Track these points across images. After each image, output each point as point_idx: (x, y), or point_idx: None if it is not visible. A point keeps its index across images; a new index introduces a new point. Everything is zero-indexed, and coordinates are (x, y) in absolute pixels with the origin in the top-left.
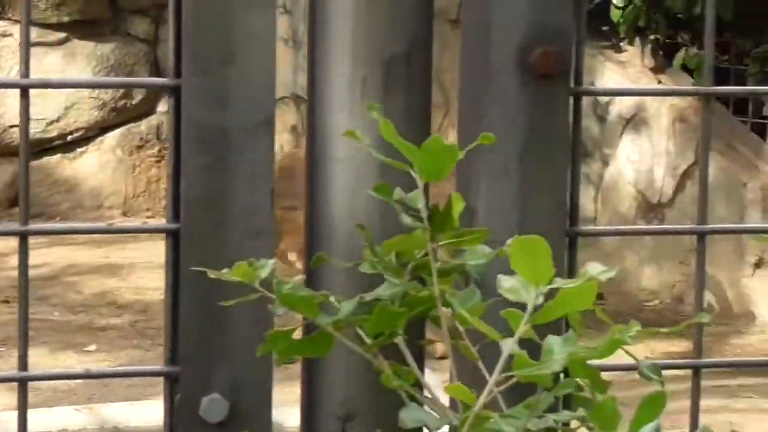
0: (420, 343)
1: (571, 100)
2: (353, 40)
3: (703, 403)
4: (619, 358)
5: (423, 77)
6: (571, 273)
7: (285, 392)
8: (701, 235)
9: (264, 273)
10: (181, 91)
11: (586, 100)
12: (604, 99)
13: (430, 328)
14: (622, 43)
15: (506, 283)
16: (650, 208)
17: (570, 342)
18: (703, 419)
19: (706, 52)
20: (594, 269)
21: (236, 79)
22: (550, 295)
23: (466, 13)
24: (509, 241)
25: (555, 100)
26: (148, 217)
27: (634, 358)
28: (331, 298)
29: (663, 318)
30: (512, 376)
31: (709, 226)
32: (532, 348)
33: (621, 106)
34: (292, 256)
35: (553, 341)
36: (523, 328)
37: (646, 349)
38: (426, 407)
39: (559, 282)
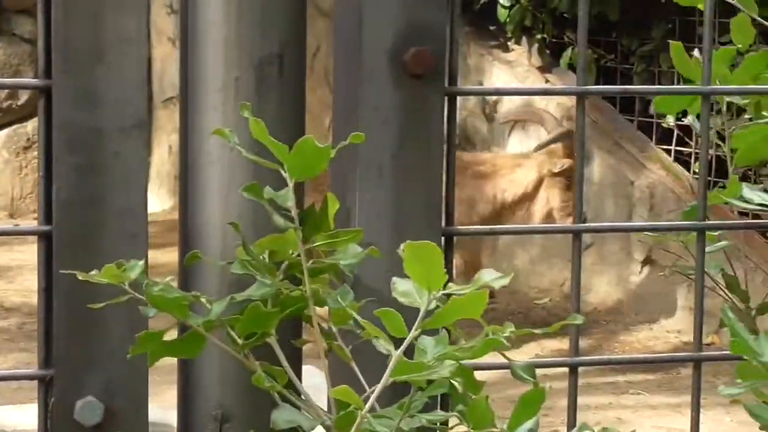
0: (295, 343)
1: (446, 100)
2: (225, 42)
3: (592, 399)
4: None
5: (296, 78)
6: (447, 272)
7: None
8: (576, 234)
9: (134, 274)
10: (51, 91)
11: (474, 100)
12: (492, 98)
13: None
14: (509, 43)
15: (401, 287)
16: None
17: (442, 342)
18: (593, 416)
19: (579, 51)
20: (488, 276)
21: (107, 79)
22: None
23: (338, 11)
24: (402, 247)
25: (429, 100)
26: (35, 219)
27: (507, 358)
28: (203, 299)
29: (553, 316)
30: (391, 378)
31: (584, 225)
32: (408, 347)
33: (509, 105)
34: None
35: (426, 342)
36: (414, 333)
37: (537, 347)
38: (303, 408)
39: (452, 287)
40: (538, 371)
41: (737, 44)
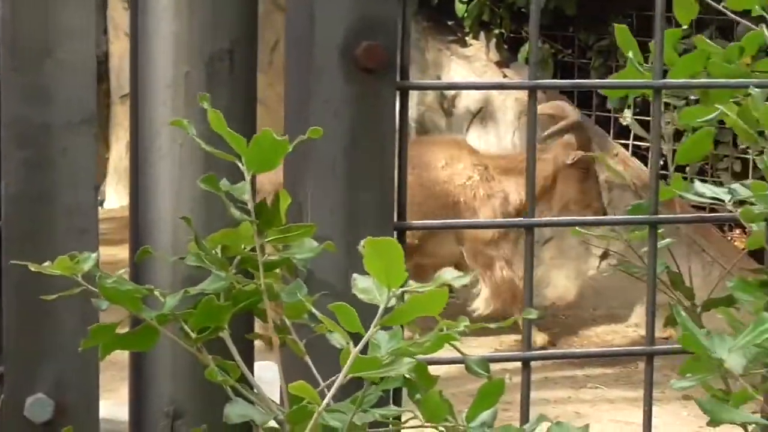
0: (248, 337)
1: (398, 94)
2: (175, 37)
3: (551, 394)
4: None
5: (247, 74)
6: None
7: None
8: (528, 228)
9: (87, 266)
10: (0, 87)
11: (432, 95)
12: (450, 93)
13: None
14: (467, 38)
15: (361, 284)
16: None
17: (396, 337)
18: (552, 410)
19: (530, 46)
20: (448, 274)
21: (56, 75)
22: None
23: (290, 5)
24: (362, 243)
25: (381, 95)
26: None
27: (461, 352)
28: (156, 292)
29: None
30: (340, 370)
31: (534, 219)
32: (357, 339)
33: (468, 100)
34: None
35: (380, 336)
36: (374, 330)
37: (496, 341)
38: (256, 402)
39: (412, 285)
40: (498, 366)
41: (680, 21)
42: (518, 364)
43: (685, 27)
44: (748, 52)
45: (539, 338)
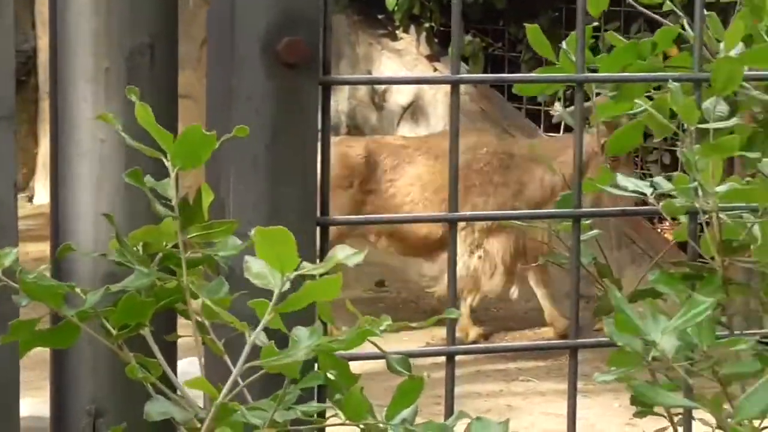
0: (167, 338)
1: (320, 90)
2: (95, 33)
3: (483, 387)
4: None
5: (167, 69)
6: (323, 262)
7: None
8: (452, 222)
9: (7, 262)
10: None
11: (363, 89)
12: (381, 87)
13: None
14: (398, 32)
15: (254, 268)
16: None
17: (316, 333)
18: (483, 403)
19: (452, 40)
20: (341, 252)
21: None
22: (298, 282)
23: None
24: (252, 232)
25: (302, 90)
26: None
27: (380, 349)
28: (77, 289)
29: (445, 304)
30: (259, 368)
31: (458, 213)
32: (284, 339)
33: (399, 94)
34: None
35: (300, 332)
36: (268, 317)
37: (428, 335)
38: (177, 400)
39: (306, 267)
40: (431, 359)
41: (591, 13)
42: (458, 358)
43: (596, 24)
44: (661, 47)
45: (473, 332)
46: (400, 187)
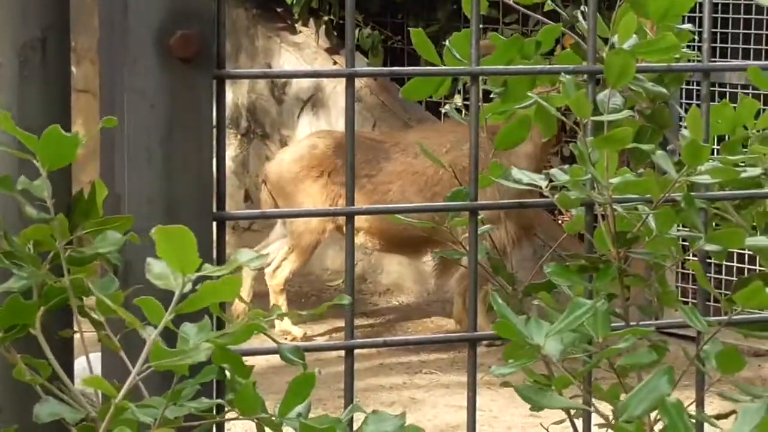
0: (61, 334)
1: (215, 83)
2: None
3: (387, 380)
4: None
5: (60, 62)
6: (219, 257)
7: None
8: (349, 216)
9: None
10: None
11: (262, 82)
12: (280, 80)
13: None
14: (297, 25)
15: (156, 269)
16: None
17: (205, 329)
18: (387, 396)
19: (346, 33)
20: (243, 256)
21: None
22: (198, 281)
23: None
24: (153, 230)
25: (197, 84)
26: None
27: (275, 341)
28: None
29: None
30: (150, 366)
31: (355, 207)
32: (172, 335)
33: (298, 87)
34: None
35: (188, 329)
36: (169, 317)
37: (330, 327)
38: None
39: (208, 269)
40: (336, 352)
41: (467, 14)
42: (362, 349)
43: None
44: (545, 46)
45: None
46: (377, 184)
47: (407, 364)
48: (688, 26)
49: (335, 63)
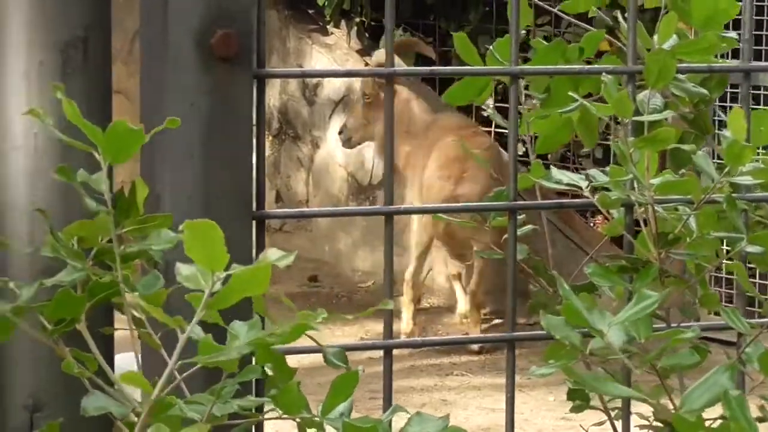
0: (103, 331)
1: (255, 83)
2: (28, 25)
3: (418, 382)
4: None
5: (101, 61)
6: (259, 256)
7: None
8: (388, 216)
9: None
10: None
11: (294, 83)
12: (312, 81)
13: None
14: (329, 26)
15: (184, 272)
16: (361, 189)
17: (254, 327)
18: (418, 398)
19: (386, 33)
20: (272, 255)
21: None
22: (228, 279)
23: None
24: (181, 227)
25: (237, 83)
26: None
27: (317, 343)
28: (11, 284)
29: (377, 298)
30: (195, 363)
31: (394, 207)
32: (222, 332)
33: (330, 89)
34: None
35: (237, 327)
36: (200, 314)
37: (361, 330)
38: (114, 394)
39: (235, 267)
40: (365, 354)
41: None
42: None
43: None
44: (587, 53)
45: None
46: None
47: (438, 365)
48: (732, 34)
49: (367, 64)
